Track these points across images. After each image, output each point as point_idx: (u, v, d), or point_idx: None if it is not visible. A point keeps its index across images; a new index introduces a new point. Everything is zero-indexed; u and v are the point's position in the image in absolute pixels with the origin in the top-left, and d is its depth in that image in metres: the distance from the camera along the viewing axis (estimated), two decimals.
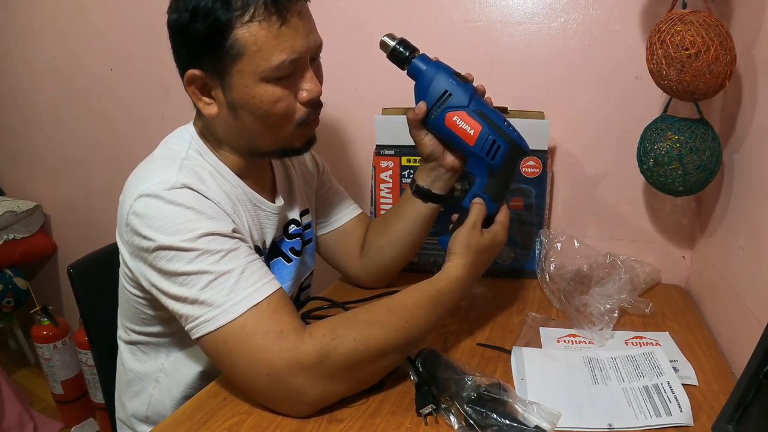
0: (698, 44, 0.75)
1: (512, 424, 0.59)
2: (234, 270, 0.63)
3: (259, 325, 0.62)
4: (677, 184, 0.87)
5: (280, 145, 0.76)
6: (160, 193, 0.65)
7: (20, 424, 1.59)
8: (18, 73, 1.75)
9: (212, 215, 0.67)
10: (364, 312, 0.68)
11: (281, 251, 0.88)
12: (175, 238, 0.63)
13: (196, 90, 0.71)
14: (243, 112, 0.70)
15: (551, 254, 0.98)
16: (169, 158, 0.72)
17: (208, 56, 0.67)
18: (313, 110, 0.74)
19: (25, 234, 1.83)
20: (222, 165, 0.77)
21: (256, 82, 0.67)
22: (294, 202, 0.91)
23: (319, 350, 0.62)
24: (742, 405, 0.54)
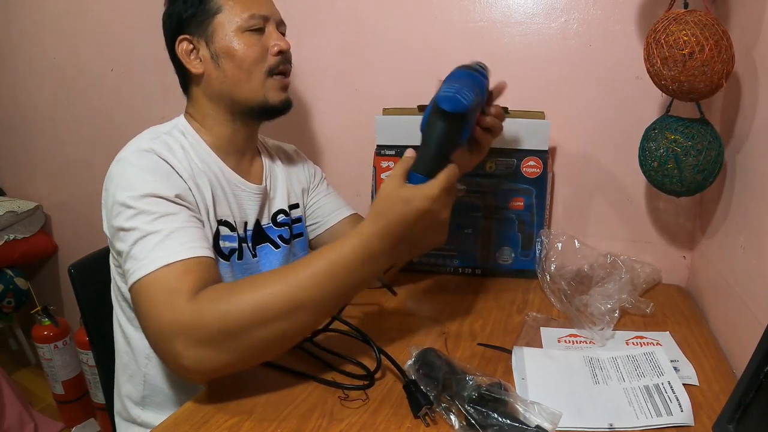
0: (692, 44, 0.75)
1: (513, 423, 0.59)
2: (162, 231, 0.68)
3: (165, 282, 0.65)
4: (675, 184, 0.87)
5: (257, 96, 0.85)
6: (128, 155, 0.75)
7: (21, 425, 1.59)
8: (19, 74, 1.76)
9: (162, 179, 0.73)
10: (255, 276, 0.68)
11: (269, 237, 0.93)
12: (124, 194, 0.70)
13: (185, 51, 0.84)
14: (224, 59, 0.83)
15: (552, 254, 0.98)
16: (151, 132, 0.83)
17: (195, 20, 0.83)
18: (282, 59, 0.86)
19: (25, 234, 1.83)
20: (204, 145, 0.86)
21: (234, 31, 0.83)
22: (283, 193, 0.97)
23: (196, 310, 0.63)
24: (743, 405, 0.54)
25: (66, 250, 1.92)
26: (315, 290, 0.64)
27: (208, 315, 0.63)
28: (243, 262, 0.87)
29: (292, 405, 0.69)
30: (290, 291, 0.63)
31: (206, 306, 0.64)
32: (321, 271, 0.64)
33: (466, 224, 1.08)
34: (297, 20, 1.23)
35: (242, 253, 0.87)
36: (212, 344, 0.63)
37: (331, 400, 0.69)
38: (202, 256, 0.69)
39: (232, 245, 0.86)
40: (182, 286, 0.65)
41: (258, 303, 0.63)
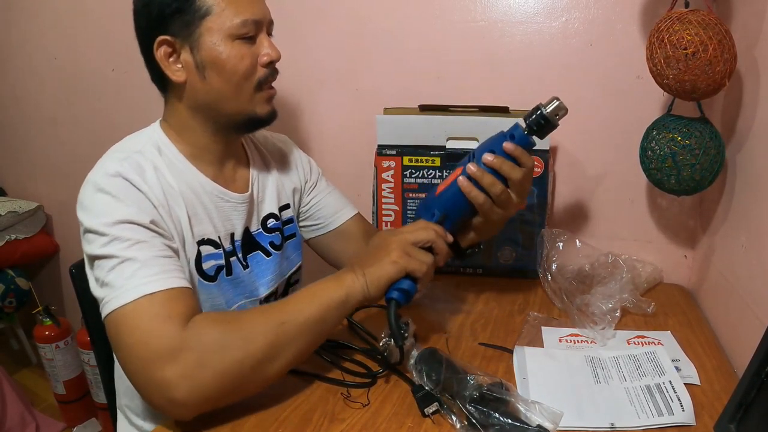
0: (696, 43, 0.75)
1: (514, 423, 0.59)
2: (138, 258, 0.65)
3: (148, 310, 0.62)
4: (673, 183, 0.87)
5: (244, 111, 0.79)
6: (96, 180, 0.70)
7: (22, 425, 1.60)
8: (20, 74, 1.76)
9: (133, 204, 0.69)
10: (248, 310, 0.70)
11: (259, 245, 0.88)
12: (96, 221, 0.67)
13: (164, 56, 0.75)
14: (211, 71, 0.75)
15: (553, 254, 0.98)
16: (121, 151, 0.76)
17: (178, 19, 0.73)
18: (271, 74, 0.79)
19: (26, 234, 1.83)
20: (181, 157, 0.79)
21: (224, 39, 0.74)
22: (271, 196, 0.92)
23: (195, 334, 0.62)
24: (744, 404, 0.54)
25: (67, 250, 1.92)
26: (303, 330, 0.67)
27: (208, 336, 0.62)
28: (233, 277, 0.83)
29: (294, 405, 0.69)
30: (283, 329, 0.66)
31: (206, 328, 0.63)
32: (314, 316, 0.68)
33: None
34: (298, 20, 1.23)
35: (231, 269, 0.83)
36: (210, 368, 0.61)
37: (333, 400, 0.69)
38: (181, 286, 0.66)
39: (218, 263, 0.81)
40: (172, 312, 0.62)
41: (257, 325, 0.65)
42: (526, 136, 0.76)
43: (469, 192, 0.77)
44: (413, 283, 0.73)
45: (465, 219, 0.81)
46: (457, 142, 1.06)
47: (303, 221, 1.01)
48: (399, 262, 0.72)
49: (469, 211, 0.79)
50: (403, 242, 0.74)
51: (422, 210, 0.81)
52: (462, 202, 0.78)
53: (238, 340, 0.63)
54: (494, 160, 0.75)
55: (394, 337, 0.71)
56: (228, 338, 0.63)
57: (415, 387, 0.69)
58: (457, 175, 0.77)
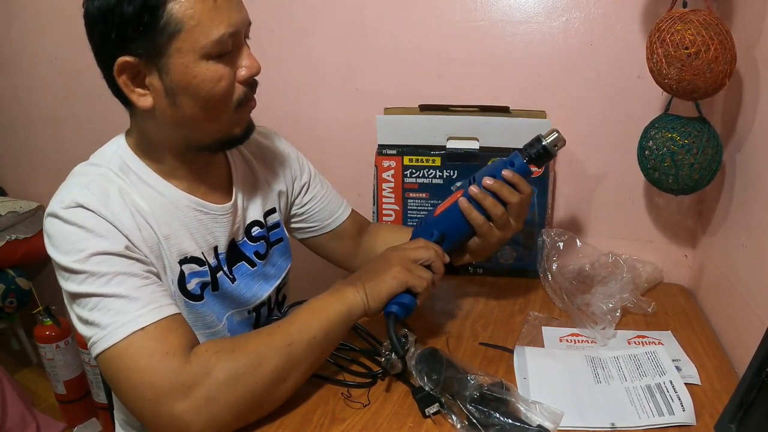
0: (698, 43, 0.75)
1: (515, 423, 0.59)
2: (120, 293, 0.61)
3: (143, 347, 0.59)
4: (671, 182, 0.87)
5: (220, 134, 0.71)
6: (58, 212, 0.64)
7: (22, 424, 1.60)
8: (20, 74, 1.76)
9: (103, 234, 0.63)
10: (251, 334, 0.67)
11: (244, 255, 0.83)
12: (68, 258, 0.62)
13: (127, 80, 0.65)
14: (182, 96, 0.66)
15: (553, 254, 0.98)
16: (83, 174, 0.70)
17: (141, 39, 0.62)
18: (250, 89, 0.70)
19: (27, 234, 1.83)
20: (150, 172, 0.72)
21: (197, 60, 0.64)
22: (255, 202, 0.86)
23: (203, 366, 0.60)
24: (745, 404, 0.54)
25: None
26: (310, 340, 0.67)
27: (216, 369, 0.60)
28: (220, 291, 0.78)
29: (294, 405, 0.69)
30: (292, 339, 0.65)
31: (212, 360, 0.60)
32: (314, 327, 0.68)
33: None
34: (298, 20, 1.23)
35: (218, 284, 0.78)
36: (223, 401, 0.59)
37: (333, 400, 0.70)
38: (171, 314, 0.63)
39: (203, 280, 0.76)
40: (169, 347, 0.59)
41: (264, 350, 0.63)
42: (525, 164, 0.79)
43: (469, 213, 0.78)
44: (413, 297, 0.75)
45: (462, 240, 0.83)
46: (458, 141, 1.06)
47: (297, 223, 0.97)
48: (399, 277, 0.73)
49: (468, 233, 0.81)
50: (404, 258, 0.75)
51: (421, 230, 0.84)
52: (461, 223, 0.80)
53: (248, 368, 0.61)
54: (494, 184, 0.77)
55: (394, 349, 0.71)
56: (237, 368, 0.61)
57: (415, 389, 0.69)
58: (457, 197, 0.80)
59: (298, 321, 0.68)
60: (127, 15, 0.61)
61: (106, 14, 0.62)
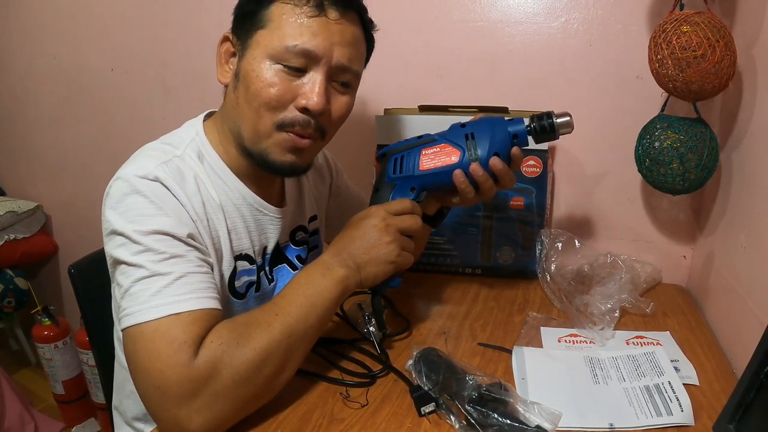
0: (705, 46, 0.75)
1: (513, 423, 0.59)
2: (170, 274, 0.61)
3: (169, 332, 0.58)
4: (678, 183, 0.87)
5: (257, 145, 0.71)
6: (132, 180, 0.64)
7: (21, 424, 1.59)
8: (19, 73, 1.76)
9: (171, 214, 0.64)
10: (243, 315, 0.66)
11: (287, 258, 0.85)
12: (129, 226, 0.62)
13: (223, 53, 0.73)
14: (241, 84, 0.69)
15: (552, 254, 0.98)
16: (162, 151, 0.70)
17: (244, 23, 0.70)
18: (301, 120, 0.69)
19: (26, 234, 1.83)
20: (222, 166, 0.74)
21: (264, 57, 0.67)
22: (303, 208, 0.89)
23: (209, 362, 0.58)
24: (743, 405, 0.54)
25: (66, 250, 1.92)
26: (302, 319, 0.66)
27: (223, 368, 0.59)
28: (260, 293, 0.80)
29: (293, 405, 0.69)
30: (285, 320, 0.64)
31: (217, 352, 0.59)
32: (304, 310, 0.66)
33: (467, 224, 1.08)
34: None
35: (260, 284, 0.80)
36: (228, 399, 0.59)
37: (332, 400, 0.69)
38: (210, 308, 0.62)
39: (251, 278, 0.78)
40: (188, 338, 0.58)
41: (264, 338, 0.62)
42: (526, 134, 0.75)
43: (464, 188, 0.76)
44: (398, 278, 0.76)
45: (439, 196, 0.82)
46: None
47: (328, 225, 0.99)
48: (397, 262, 0.72)
49: (448, 193, 0.80)
50: (397, 235, 0.72)
51: (399, 177, 0.78)
52: (447, 187, 0.77)
53: (254, 365, 0.60)
54: (502, 168, 0.74)
55: (379, 325, 0.75)
56: (245, 367, 0.60)
57: (412, 387, 0.69)
58: (452, 161, 0.75)
59: (295, 310, 0.65)
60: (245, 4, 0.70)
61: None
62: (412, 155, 0.78)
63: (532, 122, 0.75)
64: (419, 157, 0.78)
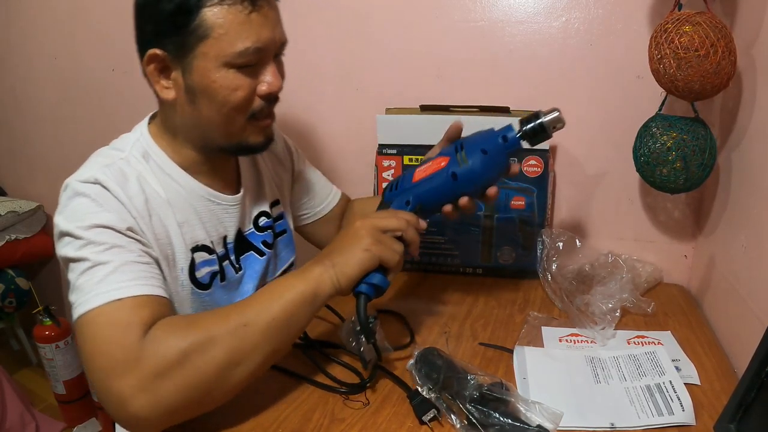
0: (707, 45, 0.75)
1: (514, 423, 0.59)
2: (111, 262, 0.62)
3: (113, 317, 0.59)
4: (679, 182, 0.87)
5: (233, 140, 0.74)
6: (74, 185, 0.68)
7: (22, 424, 1.60)
8: (19, 74, 1.76)
9: (111, 210, 0.66)
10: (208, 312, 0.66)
11: (252, 245, 0.86)
12: (71, 225, 0.64)
13: (154, 71, 0.70)
14: (201, 97, 0.70)
15: (553, 254, 0.98)
16: (107, 156, 0.73)
17: (173, 36, 0.67)
18: (268, 104, 0.73)
19: (26, 234, 1.83)
20: (169, 162, 0.75)
21: (218, 66, 0.67)
22: (263, 194, 0.90)
23: (154, 340, 0.58)
24: (744, 404, 0.54)
25: None
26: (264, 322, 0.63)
27: (165, 344, 0.58)
28: (226, 282, 0.81)
29: (294, 405, 0.69)
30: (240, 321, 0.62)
31: (161, 335, 0.59)
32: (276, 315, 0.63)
33: (468, 224, 1.08)
34: (298, 20, 1.23)
35: (224, 274, 0.80)
36: (170, 379, 0.57)
37: (333, 400, 0.69)
38: (155, 294, 0.63)
39: (212, 269, 0.78)
40: (133, 320, 0.59)
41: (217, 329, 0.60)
42: (517, 139, 0.74)
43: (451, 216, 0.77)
44: (384, 277, 0.69)
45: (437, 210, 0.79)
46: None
47: (294, 212, 0.99)
48: (371, 250, 0.67)
49: (445, 204, 0.77)
50: (373, 229, 0.69)
51: (394, 194, 0.78)
52: (443, 193, 0.75)
53: (198, 346, 0.58)
54: (496, 195, 0.75)
55: (365, 333, 0.67)
56: (187, 345, 0.58)
57: (411, 393, 0.68)
58: (441, 166, 0.75)
59: (256, 302, 0.64)
60: (164, 12, 0.66)
61: (147, 7, 0.69)
62: (406, 175, 0.80)
63: (522, 126, 0.74)
64: (413, 174, 0.78)
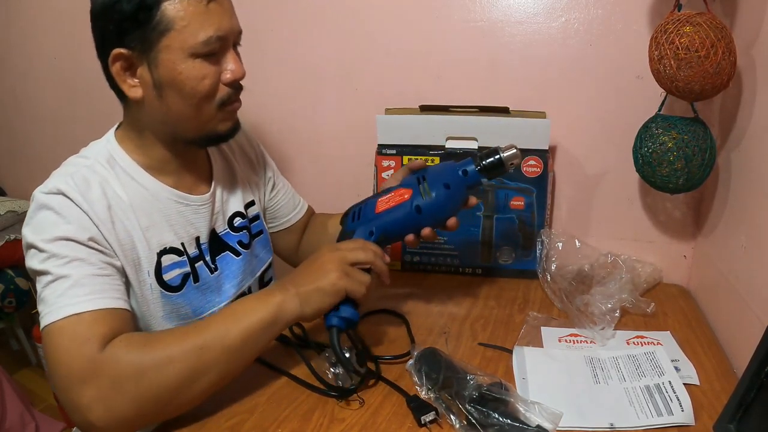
0: (707, 46, 0.75)
1: (514, 423, 0.59)
2: (71, 276, 0.64)
3: (73, 330, 0.62)
4: (679, 182, 0.87)
5: (204, 130, 0.75)
6: (38, 196, 0.69)
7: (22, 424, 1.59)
8: (19, 74, 1.76)
9: (72, 221, 0.67)
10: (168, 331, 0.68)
11: (228, 245, 0.86)
12: (36, 237, 0.66)
13: (120, 70, 0.71)
14: (169, 90, 0.71)
15: (552, 254, 0.98)
16: (72, 164, 0.75)
17: (136, 33, 0.68)
18: (234, 91, 0.75)
19: None
20: (134, 166, 0.76)
21: (184, 57, 0.69)
22: (236, 194, 0.90)
23: (110, 356, 0.61)
24: (744, 404, 0.54)
25: None
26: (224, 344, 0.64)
27: (123, 360, 0.61)
28: (200, 283, 0.81)
29: (293, 405, 0.69)
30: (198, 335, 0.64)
31: (120, 351, 0.61)
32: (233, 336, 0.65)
33: (467, 224, 1.08)
34: (297, 20, 1.23)
35: (197, 275, 0.80)
36: (125, 393, 0.60)
37: (332, 401, 0.69)
38: (114, 307, 0.65)
39: (183, 270, 0.78)
40: (92, 334, 0.61)
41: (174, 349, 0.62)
42: (477, 173, 0.78)
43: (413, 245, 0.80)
44: (354, 310, 0.71)
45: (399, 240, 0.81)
46: (457, 141, 1.06)
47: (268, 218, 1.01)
48: (337, 284, 0.69)
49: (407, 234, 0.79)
50: (342, 262, 0.71)
51: (358, 224, 0.80)
52: (406, 225, 0.78)
53: (153, 364, 0.61)
54: (456, 225, 0.78)
55: (343, 365, 0.69)
56: (143, 363, 0.61)
57: (409, 398, 0.68)
58: (404, 198, 0.77)
59: (215, 324, 0.65)
60: (125, 11, 0.67)
61: (107, 10, 0.68)
62: (368, 205, 0.81)
63: (481, 160, 0.78)
64: (375, 204, 0.80)
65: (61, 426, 1.72)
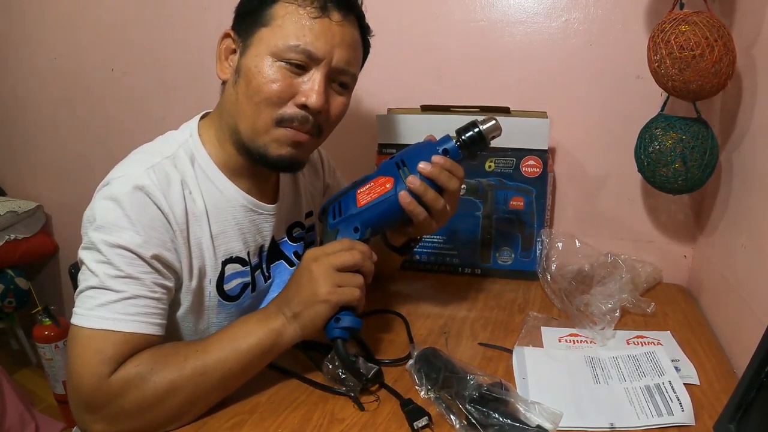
0: (703, 45, 0.75)
1: (514, 423, 0.59)
2: (120, 293, 0.63)
3: (100, 344, 0.61)
4: (680, 183, 0.87)
5: (255, 141, 0.71)
6: (116, 187, 0.66)
7: (22, 425, 1.59)
8: (20, 74, 1.76)
9: (142, 232, 0.65)
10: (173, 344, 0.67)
11: (283, 254, 0.86)
12: (98, 236, 0.64)
13: (224, 50, 0.74)
14: (242, 80, 0.70)
15: (552, 254, 0.98)
16: (152, 153, 0.71)
17: (246, 21, 0.71)
18: (302, 117, 0.70)
19: (26, 234, 1.83)
20: (214, 168, 0.74)
21: (267, 55, 0.69)
22: (300, 204, 0.90)
23: (119, 387, 0.61)
24: (744, 405, 0.54)
25: (67, 250, 1.92)
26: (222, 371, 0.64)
27: (129, 394, 0.61)
28: (256, 293, 0.81)
29: (294, 405, 0.69)
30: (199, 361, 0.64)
31: (128, 384, 0.61)
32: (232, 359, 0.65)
33: (467, 224, 1.08)
34: None
35: (255, 284, 0.80)
36: (128, 423, 0.62)
37: (332, 400, 0.69)
38: (148, 333, 0.64)
39: (244, 280, 0.78)
40: (114, 354, 0.61)
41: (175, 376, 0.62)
42: (456, 148, 0.73)
43: (413, 209, 0.71)
44: (354, 317, 0.68)
45: (391, 229, 0.77)
46: None
47: None
48: (330, 300, 0.65)
49: (399, 225, 0.75)
50: (329, 271, 0.66)
51: (340, 221, 0.74)
52: (394, 217, 0.73)
53: (157, 400, 0.61)
54: (432, 170, 0.70)
55: (352, 374, 0.68)
56: (145, 399, 0.61)
57: (403, 402, 0.67)
58: (387, 188, 0.72)
59: (215, 349, 0.64)
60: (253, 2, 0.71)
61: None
62: (348, 198, 0.76)
63: (460, 135, 0.73)
64: (355, 196, 0.75)
65: (61, 426, 1.72)
